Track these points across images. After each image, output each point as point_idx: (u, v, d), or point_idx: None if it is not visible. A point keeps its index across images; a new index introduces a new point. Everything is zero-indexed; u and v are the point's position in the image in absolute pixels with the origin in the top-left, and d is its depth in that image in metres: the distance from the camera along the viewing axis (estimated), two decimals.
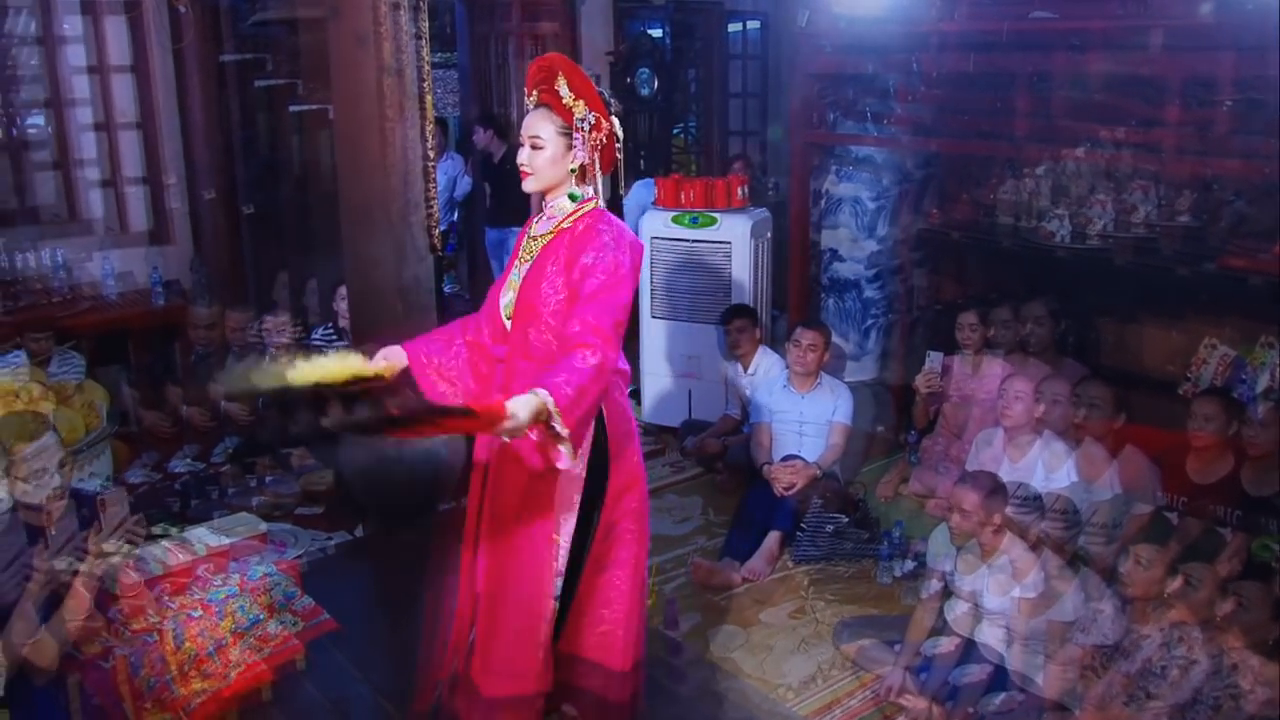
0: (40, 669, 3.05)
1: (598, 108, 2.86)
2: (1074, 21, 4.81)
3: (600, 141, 2.89)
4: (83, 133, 6.48)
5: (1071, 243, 5.36)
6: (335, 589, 4.25)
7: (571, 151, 2.88)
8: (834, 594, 4.53)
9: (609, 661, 3.08)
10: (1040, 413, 4.36)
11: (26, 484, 3.08)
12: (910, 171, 6.19)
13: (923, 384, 5.16)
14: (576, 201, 2.93)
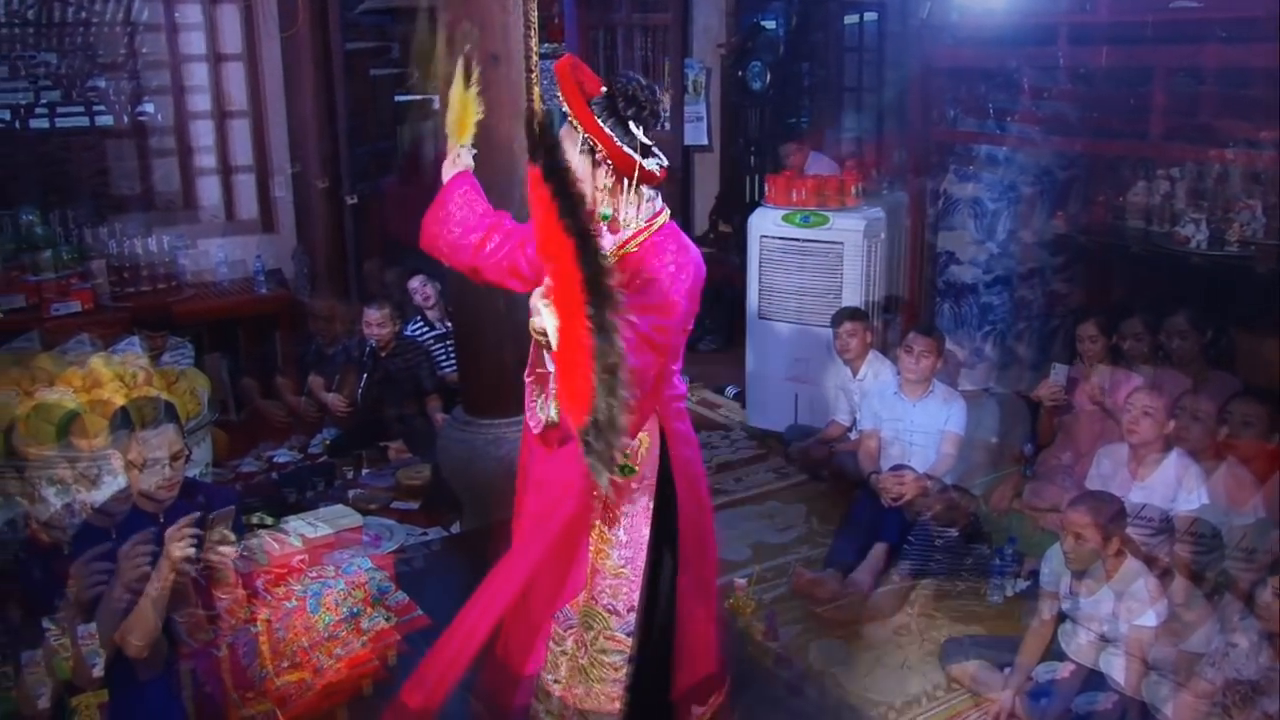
0: (137, 656, 3.03)
1: (590, 127, 2.63)
2: (1220, 11, 4.53)
3: (604, 160, 2.66)
4: (194, 120, 6.58)
5: (1209, 249, 5.10)
6: (429, 585, 4.22)
7: (595, 170, 2.69)
8: (942, 611, 4.40)
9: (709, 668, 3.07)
10: (1171, 429, 4.13)
11: (139, 470, 3.07)
12: (1035, 172, 5.95)
13: (1046, 396, 4.94)
14: (610, 223, 2.72)
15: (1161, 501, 4.13)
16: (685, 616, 2.97)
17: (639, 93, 2.64)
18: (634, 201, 2.70)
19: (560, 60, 2.69)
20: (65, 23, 6.36)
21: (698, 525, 2.95)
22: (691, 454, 2.92)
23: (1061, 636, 3.73)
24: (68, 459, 4.11)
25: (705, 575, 3.02)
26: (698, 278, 2.72)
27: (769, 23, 8.68)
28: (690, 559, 2.93)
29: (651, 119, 2.68)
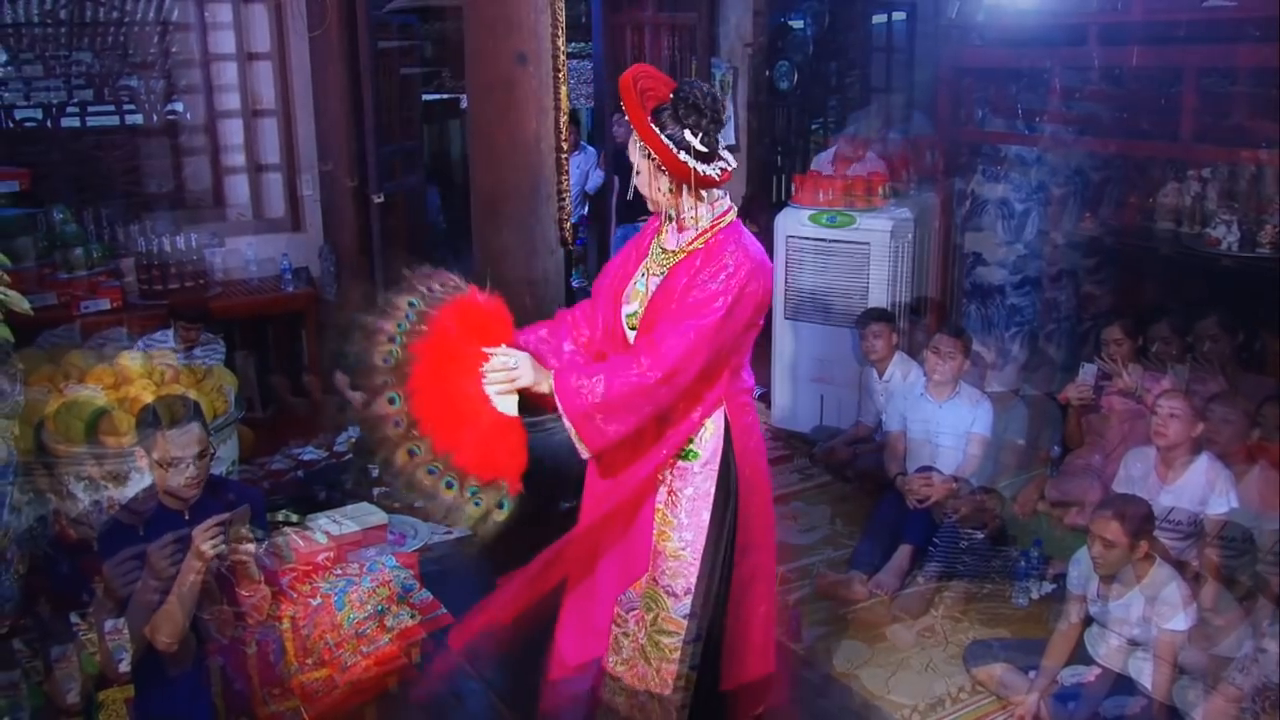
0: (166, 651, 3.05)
1: (648, 138, 2.73)
2: (1253, 10, 4.48)
3: (657, 166, 2.78)
4: (224, 119, 6.61)
5: (1240, 251, 5.04)
6: (453, 583, 4.22)
7: (660, 175, 2.80)
8: (967, 613, 4.40)
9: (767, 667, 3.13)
10: (1199, 431, 4.09)
11: (164, 469, 3.08)
12: (1063, 173, 5.90)
13: (1074, 395, 4.89)
14: (688, 223, 2.83)
15: (1191, 505, 4.10)
16: (742, 607, 3.02)
17: (700, 100, 2.72)
18: (693, 204, 2.80)
19: (625, 73, 2.76)
20: (97, 22, 6.40)
21: (758, 517, 3.00)
22: (755, 447, 2.98)
23: (1088, 640, 3.71)
24: (96, 456, 4.13)
25: (763, 569, 3.06)
26: (755, 275, 2.78)
27: (797, 22, 8.67)
28: (748, 549, 2.99)
29: (713, 126, 2.76)
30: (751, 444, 2.97)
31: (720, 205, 2.86)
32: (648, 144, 2.73)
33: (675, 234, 2.89)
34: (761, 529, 3.02)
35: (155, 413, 3.15)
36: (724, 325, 2.73)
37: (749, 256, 2.77)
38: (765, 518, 3.04)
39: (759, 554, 3.03)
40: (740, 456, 2.93)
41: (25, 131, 6.30)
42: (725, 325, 2.73)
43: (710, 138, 2.76)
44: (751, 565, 3.01)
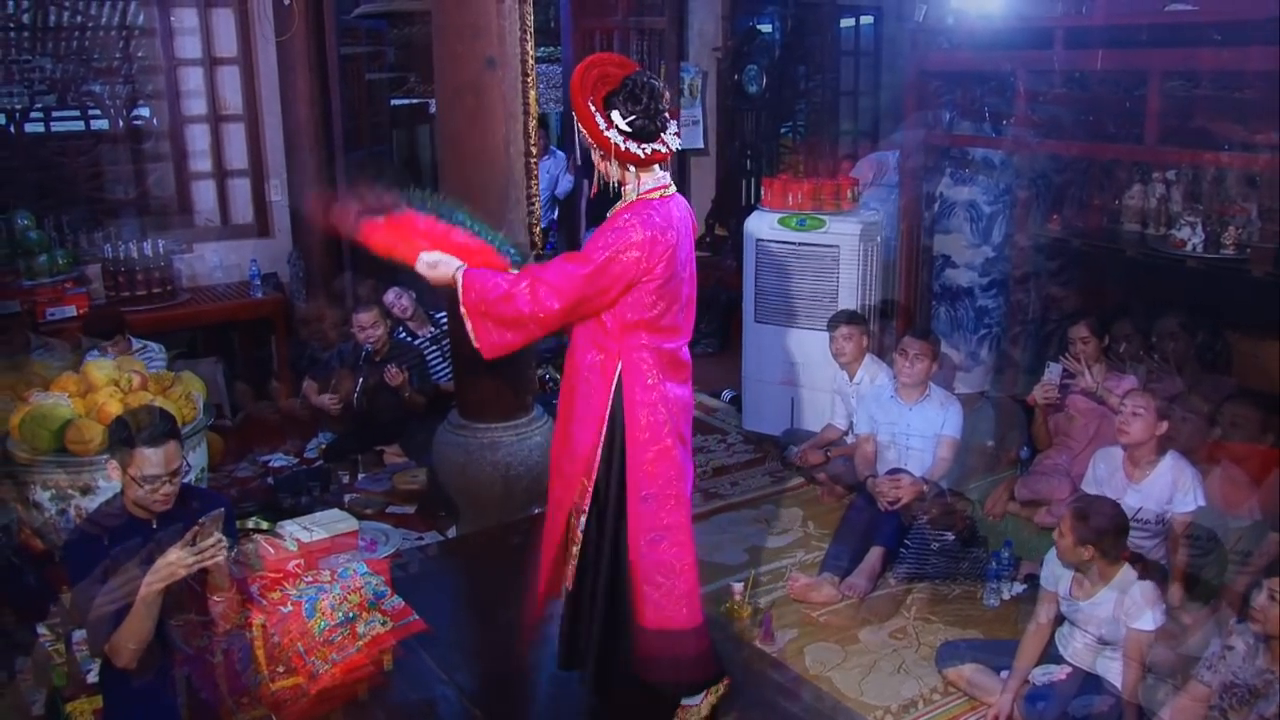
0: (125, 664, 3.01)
1: (578, 114, 3.12)
2: (1215, 14, 4.52)
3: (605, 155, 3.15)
4: (190, 124, 6.56)
5: (1205, 252, 5.09)
6: (425, 589, 4.21)
7: (602, 159, 3.19)
8: (938, 614, 4.39)
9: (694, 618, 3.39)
10: (1162, 430, 4.13)
11: (138, 485, 3.04)
12: (1030, 175, 5.94)
13: (1041, 395, 4.93)
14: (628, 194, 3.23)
15: (1158, 504, 4.14)
16: (657, 549, 3.31)
17: (637, 87, 3.10)
18: (632, 179, 3.20)
19: (585, 58, 3.19)
20: (61, 27, 6.34)
21: (658, 468, 3.27)
22: (651, 401, 3.26)
23: (1058, 639, 3.72)
24: (62, 465, 4.09)
25: (671, 520, 3.31)
26: (642, 244, 3.10)
27: (765, 27, 8.69)
28: (650, 499, 3.28)
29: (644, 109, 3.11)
30: (648, 399, 3.25)
31: (649, 183, 3.20)
32: (577, 117, 3.12)
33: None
34: (665, 480, 3.27)
35: (129, 426, 3.11)
36: (595, 277, 3.09)
37: (643, 225, 3.10)
38: (668, 471, 3.27)
39: (663, 506, 3.28)
40: (630, 408, 3.24)
41: None
42: (597, 277, 3.09)
43: (643, 120, 3.10)
44: (655, 513, 3.28)
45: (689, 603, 3.35)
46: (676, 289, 3.23)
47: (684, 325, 3.34)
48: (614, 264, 3.09)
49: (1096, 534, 3.46)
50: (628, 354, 3.24)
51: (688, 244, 3.29)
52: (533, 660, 3.86)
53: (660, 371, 3.27)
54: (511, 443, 4.69)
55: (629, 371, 3.25)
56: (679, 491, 3.32)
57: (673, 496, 3.30)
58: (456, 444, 4.74)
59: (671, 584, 3.31)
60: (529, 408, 4.83)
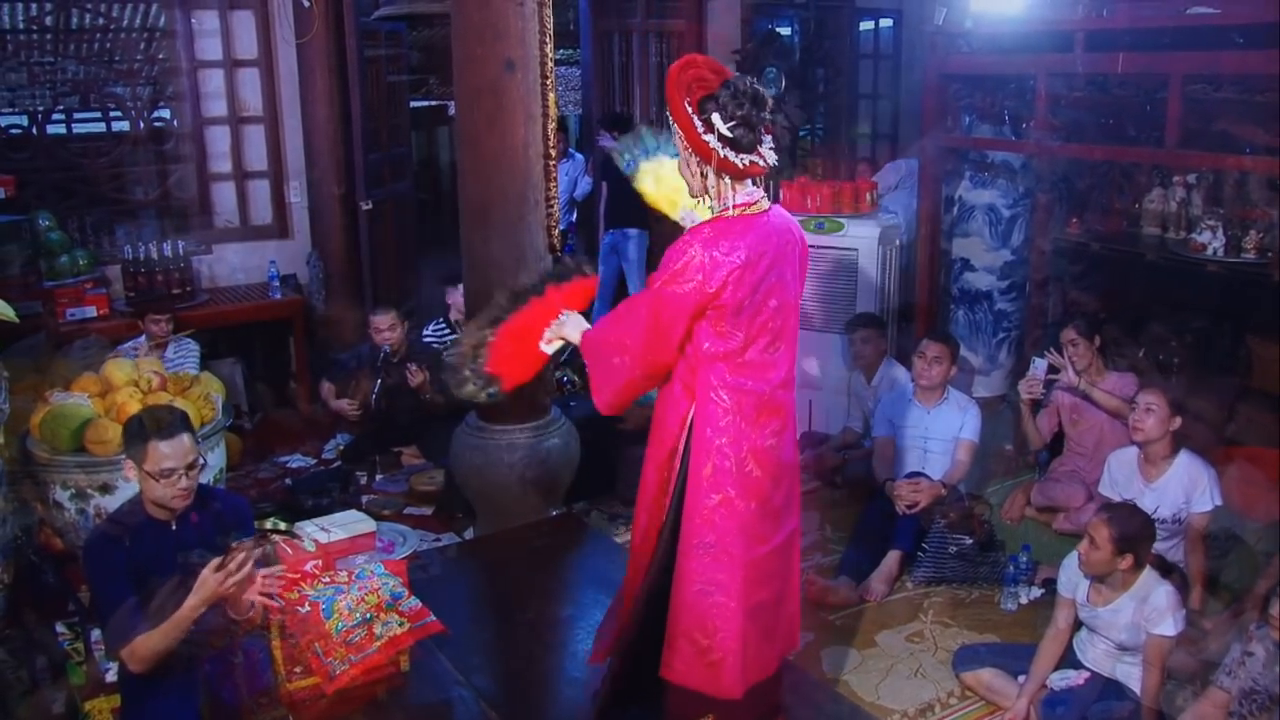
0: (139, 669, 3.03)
1: (677, 116, 2.78)
2: (1236, 17, 4.49)
3: (691, 154, 2.83)
4: (210, 126, 6.60)
5: (1225, 256, 5.06)
6: (442, 591, 4.20)
7: (690, 159, 2.84)
8: (955, 619, 4.38)
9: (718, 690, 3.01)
10: (1176, 425, 4.15)
11: (155, 480, 3.05)
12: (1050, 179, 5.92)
13: (1025, 391, 4.92)
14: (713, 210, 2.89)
15: (1174, 503, 4.15)
16: (681, 615, 2.99)
17: (741, 90, 2.74)
18: (717, 190, 2.84)
19: (675, 62, 2.85)
20: (83, 29, 6.39)
21: (719, 519, 2.93)
22: (721, 448, 2.90)
23: (1077, 644, 3.70)
24: (82, 465, 4.11)
25: (722, 579, 2.96)
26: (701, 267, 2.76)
27: (784, 29, 8.66)
28: (706, 549, 2.94)
29: (746, 115, 2.75)
30: (717, 443, 2.91)
31: (737, 197, 2.85)
32: (675, 119, 2.78)
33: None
34: (724, 531, 2.94)
35: (143, 423, 3.12)
36: (656, 313, 2.82)
37: (703, 245, 2.76)
38: (728, 522, 2.94)
39: (719, 559, 2.95)
40: (697, 448, 2.92)
41: (10, 138, 6.28)
42: (658, 313, 2.82)
43: (743, 129, 2.76)
44: (708, 566, 2.95)
45: (724, 672, 2.98)
46: (761, 320, 2.87)
47: (776, 364, 2.95)
48: (669, 296, 2.80)
49: (1134, 543, 3.44)
50: (703, 390, 2.90)
51: (783, 268, 2.91)
52: (551, 662, 3.86)
53: (739, 416, 2.90)
54: (529, 444, 4.69)
55: (701, 410, 2.92)
56: (740, 549, 2.94)
57: (731, 552, 2.93)
58: (474, 445, 4.74)
59: (709, 644, 2.97)
60: (547, 410, 4.83)
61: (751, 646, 3.02)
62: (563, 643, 4.00)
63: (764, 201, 2.91)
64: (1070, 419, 5.02)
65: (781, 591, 3.12)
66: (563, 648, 3.97)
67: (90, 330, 5.65)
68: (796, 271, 2.98)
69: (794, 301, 2.98)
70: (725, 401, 2.90)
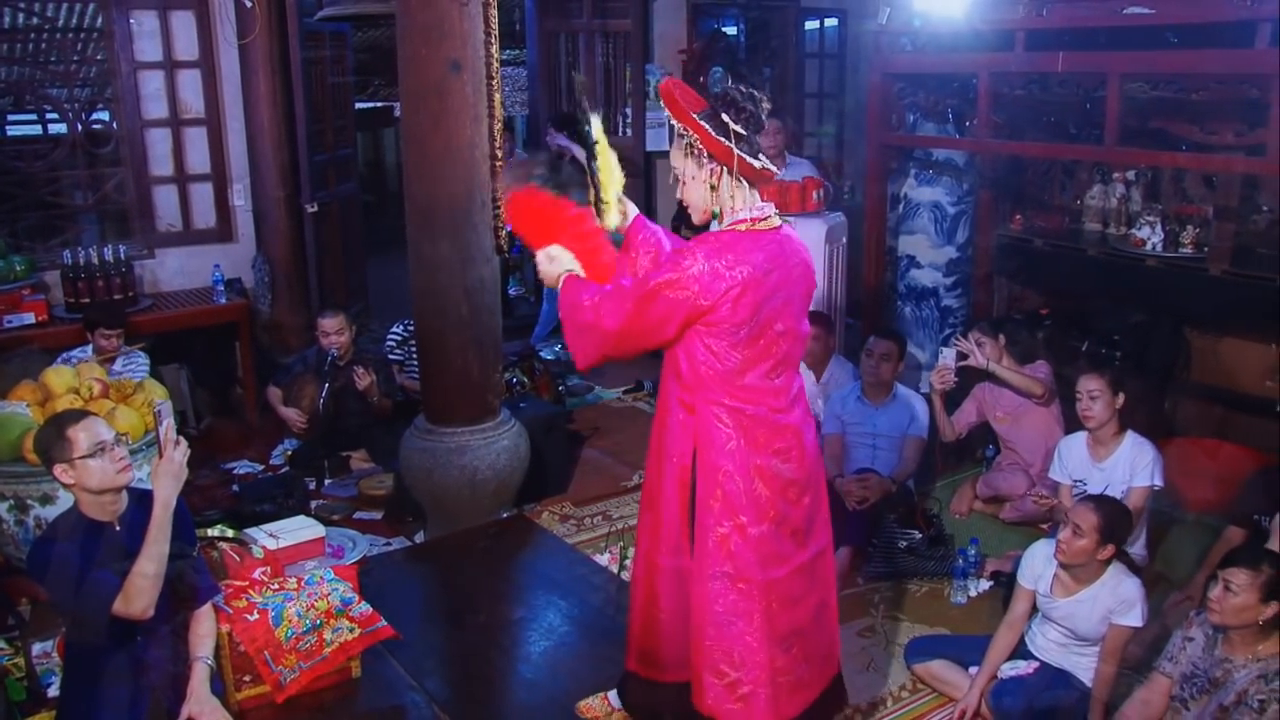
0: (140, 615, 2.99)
1: (690, 124, 2.74)
2: (1171, 17, 4.58)
3: (697, 149, 2.76)
4: (150, 128, 6.50)
5: (1164, 251, 5.15)
6: (393, 595, 4.18)
7: (702, 171, 2.78)
8: (905, 612, 4.39)
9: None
10: (1120, 404, 4.31)
11: (93, 460, 3.01)
12: (993, 176, 6.01)
13: (936, 381, 5.02)
14: (717, 216, 2.85)
15: (1122, 481, 4.26)
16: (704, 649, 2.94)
17: (738, 97, 2.74)
18: (735, 195, 2.79)
19: (663, 82, 2.85)
20: (16, 29, 6.26)
21: (727, 550, 2.87)
22: (731, 469, 2.84)
23: (1026, 634, 3.74)
24: (20, 475, 4.04)
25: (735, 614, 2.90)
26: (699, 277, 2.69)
27: (729, 29, 8.70)
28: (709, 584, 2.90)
29: (753, 118, 2.75)
30: (726, 469, 2.84)
31: (743, 211, 2.81)
32: (689, 129, 2.73)
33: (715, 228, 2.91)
34: (744, 562, 2.87)
35: (51, 424, 3.13)
36: (644, 306, 2.73)
37: (706, 255, 2.69)
38: (745, 552, 2.87)
39: (735, 588, 2.88)
40: (705, 479, 2.86)
41: None
42: (645, 307, 2.73)
43: (751, 130, 2.76)
44: (726, 595, 2.89)
45: (755, 704, 2.91)
46: (763, 344, 2.79)
47: (778, 391, 2.87)
48: (660, 299, 2.71)
49: (1117, 533, 3.49)
50: (704, 413, 2.83)
51: (791, 292, 2.84)
52: (504, 665, 3.85)
53: (742, 437, 2.83)
54: (478, 446, 4.68)
55: (704, 435, 2.85)
56: (759, 574, 2.87)
57: (750, 579, 2.87)
58: (423, 448, 4.72)
59: (738, 677, 2.91)
60: (495, 411, 4.82)
61: (783, 674, 2.96)
62: (515, 645, 4.00)
63: (775, 218, 2.84)
64: (994, 415, 5.12)
65: (817, 613, 3.05)
66: (515, 650, 3.96)
67: (29, 338, 5.55)
68: (805, 296, 2.90)
69: (800, 329, 2.89)
70: (727, 424, 2.83)
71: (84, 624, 3.02)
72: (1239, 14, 4.26)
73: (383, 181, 12.93)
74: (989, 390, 5.13)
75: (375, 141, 12.99)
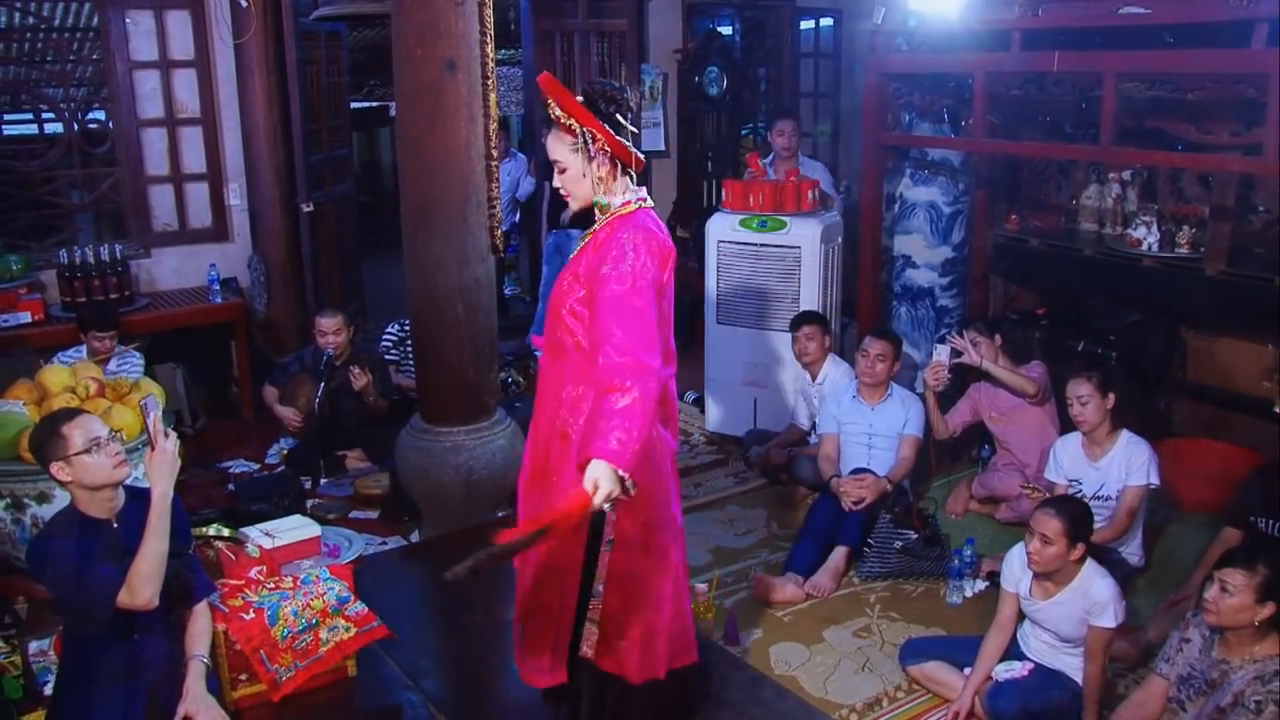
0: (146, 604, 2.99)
1: (589, 122, 2.85)
2: (1167, 16, 4.58)
3: (602, 149, 2.89)
4: (146, 128, 6.49)
5: (1160, 251, 5.16)
6: (389, 594, 4.17)
7: (590, 164, 2.90)
8: (901, 613, 4.41)
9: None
10: (1111, 403, 4.33)
11: (89, 456, 3.00)
12: (988, 176, 6.01)
13: (931, 378, 5.03)
14: (607, 210, 2.96)
15: (1118, 480, 4.30)
16: (648, 588, 3.07)
17: (614, 92, 2.90)
18: (622, 189, 2.95)
19: (545, 75, 2.92)
20: (12, 29, 6.26)
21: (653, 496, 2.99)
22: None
23: (1020, 636, 3.75)
24: (17, 473, 4.04)
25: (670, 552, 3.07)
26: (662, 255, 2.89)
27: (725, 28, 8.69)
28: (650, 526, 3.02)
29: (629, 113, 2.92)
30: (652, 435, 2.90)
31: (628, 195, 2.96)
32: (593, 129, 2.83)
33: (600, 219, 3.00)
34: (661, 506, 3.03)
35: (45, 423, 3.12)
36: (653, 296, 2.80)
37: (649, 236, 2.86)
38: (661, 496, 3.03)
39: (663, 534, 3.05)
40: None
41: None
42: (642, 290, 2.78)
43: (635, 122, 2.93)
44: (659, 545, 3.04)
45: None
46: (664, 308, 2.94)
47: (671, 351, 3.01)
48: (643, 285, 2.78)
49: (1083, 529, 3.50)
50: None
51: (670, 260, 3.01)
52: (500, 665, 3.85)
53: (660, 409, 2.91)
54: (474, 446, 4.67)
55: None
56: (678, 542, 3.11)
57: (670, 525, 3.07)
58: (419, 448, 4.71)
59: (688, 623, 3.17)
60: (491, 411, 4.81)
61: None
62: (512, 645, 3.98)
63: (648, 198, 3.02)
64: (989, 415, 5.13)
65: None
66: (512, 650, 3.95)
67: (25, 337, 5.55)
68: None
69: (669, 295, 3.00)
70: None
71: (87, 618, 3.02)
72: (1235, 13, 4.25)
73: (378, 181, 12.94)
74: (984, 390, 5.14)
75: (371, 141, 13.01)
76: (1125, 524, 4.26)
